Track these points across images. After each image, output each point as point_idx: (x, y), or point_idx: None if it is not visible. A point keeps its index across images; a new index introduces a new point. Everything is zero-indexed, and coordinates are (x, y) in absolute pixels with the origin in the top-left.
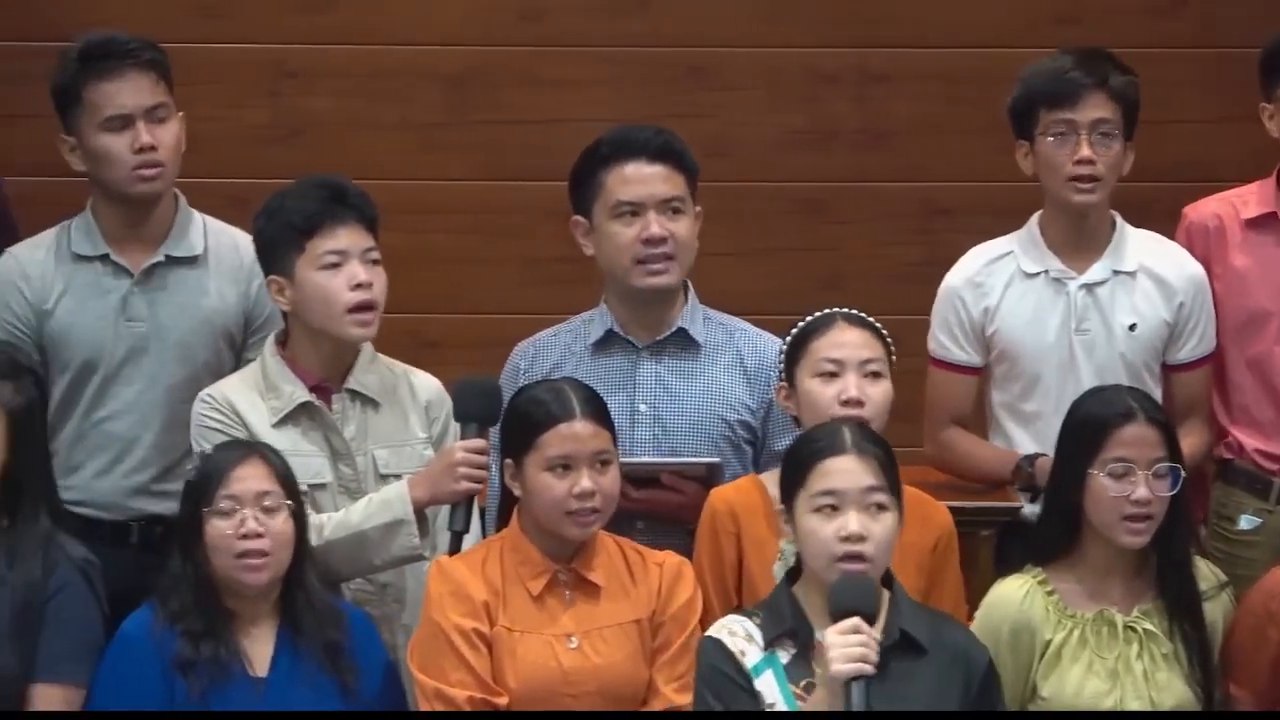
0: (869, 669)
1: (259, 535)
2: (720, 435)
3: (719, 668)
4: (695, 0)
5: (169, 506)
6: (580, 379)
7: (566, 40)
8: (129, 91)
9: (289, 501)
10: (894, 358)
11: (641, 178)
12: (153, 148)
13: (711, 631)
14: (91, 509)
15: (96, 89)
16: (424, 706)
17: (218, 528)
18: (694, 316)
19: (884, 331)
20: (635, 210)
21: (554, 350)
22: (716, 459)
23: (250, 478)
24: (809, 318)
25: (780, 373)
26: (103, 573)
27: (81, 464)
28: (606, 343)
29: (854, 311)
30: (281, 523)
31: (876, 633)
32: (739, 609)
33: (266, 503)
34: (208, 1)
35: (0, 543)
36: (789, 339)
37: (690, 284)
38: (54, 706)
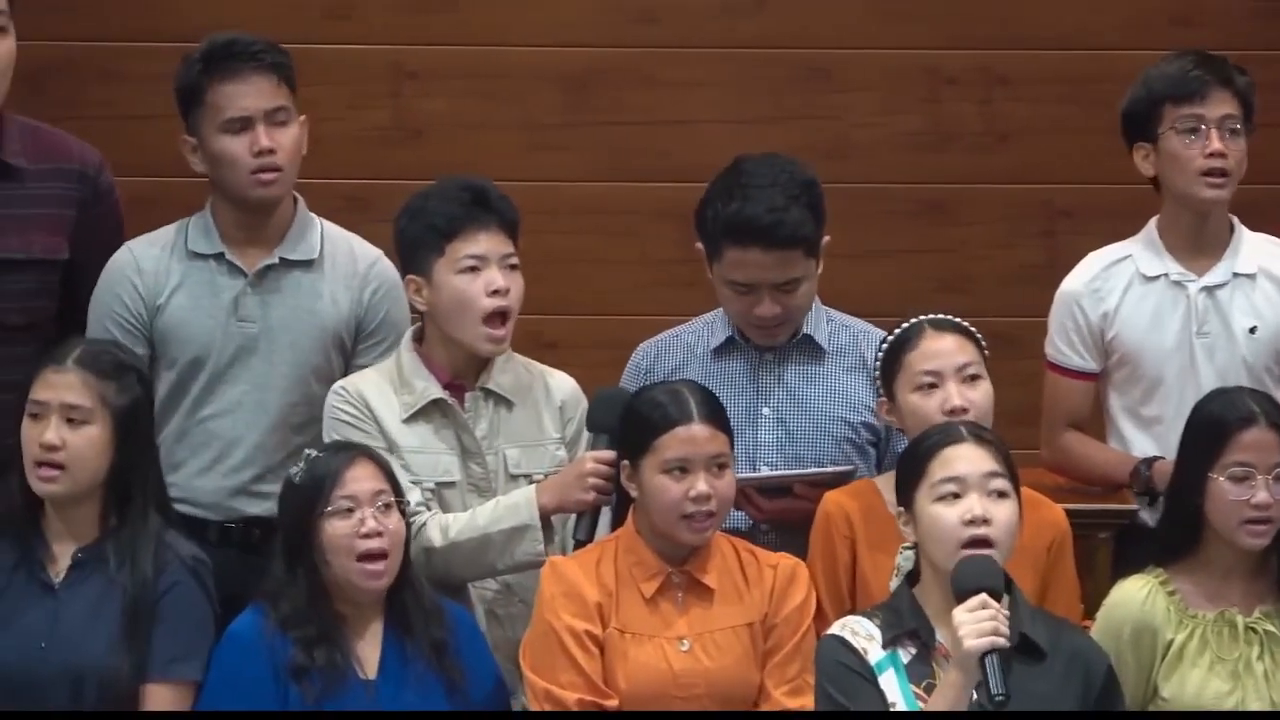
0: (1002, 641)
1: (379, 534)
2: (844, 438)
3: (842, 662)
4: (812, 2)
5: (268, 508)
6: (702, 381)
7: (683, 41)
8: (250, 94)
9: (399, 500)
10: (986, 353)
11: (754, 261)
12: (271, 151)
13: (832, 630)
14: (191, 507)
15: (218, 90)
16: (533, 707)
17: (337, 528)
18: (818, 320)
19: (973, 330)
20: (748, 291)
21: (676, 351)
22: (849, 467)
23: (365, 478)
24: (896, 330)
25: (878, 388)
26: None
27: (183, 461)
28: (728, 346)
29: (940, 316)
30: (396, 522)
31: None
32: (853, 612)
33: (382, 501)
34: (330, 3)
35: (110, 542)
36: (880, 354)
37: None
38: (166, 706)
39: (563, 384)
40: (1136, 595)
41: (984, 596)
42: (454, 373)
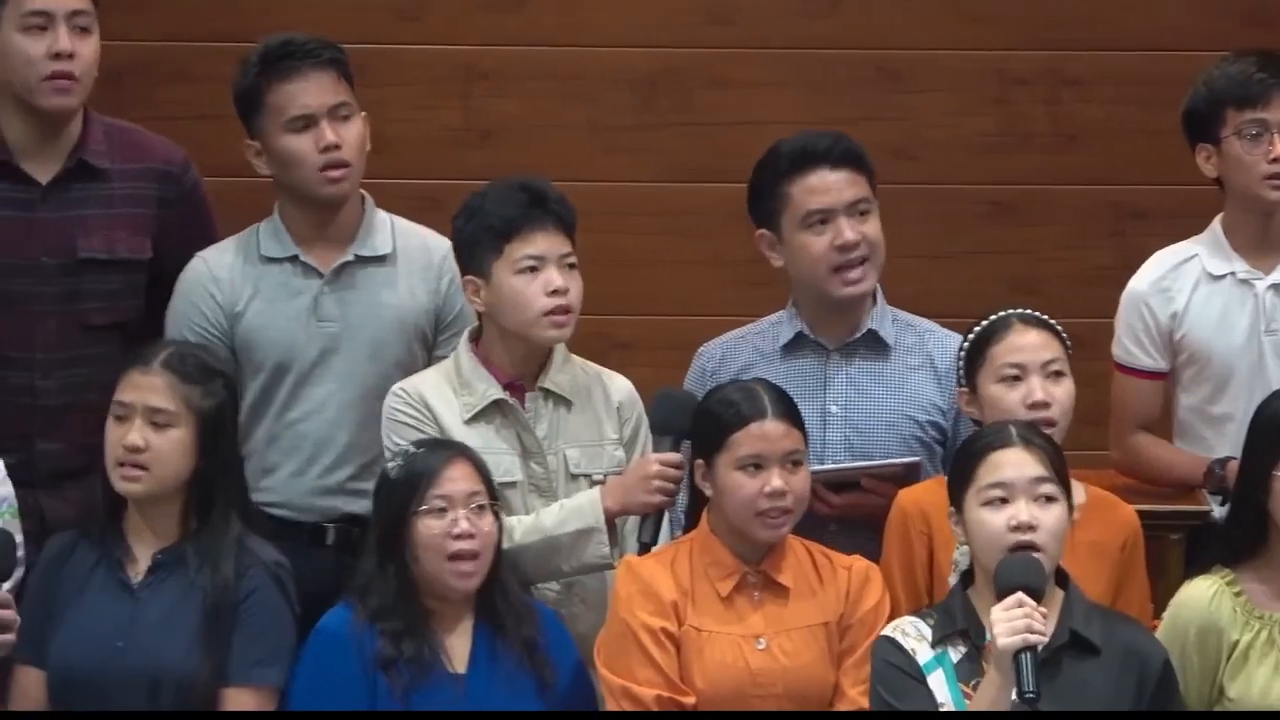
0: (1035, 639)
1: (470, 536)
2: (911, 436)
3: (891, 663)
4: (886, 2)
5: (365, 506)
6: (771, 381)
7: (756, 42)
8: (311, 91)
9: (493, 502)
10: (1071, 354)
11: (827, 185)
12: (337, 146)
13: (885, 631)
14: (288, 510)
15: (279, 91)
16: (611, 705)
17: (430, 527)
18: (884, 318)
19: (1060, 329)
20: (825, 218)
21: (743, 352)
22: (915, 458)
23: (461, 478)
24: (984, 322)
25: (960, 378)
26: (300, 575)
27: (276, 465)
28: (796, 345)
29: (1029, 311)
30: (489, 524)
31: (1050, 624)
32: (931, 607)
33: (476, 503)
34: (402, 4)
35: (191, 546)
36: (966, 344)
37: (880, 286)
38: (243, 710)
39: (620, 385)
40: (1203, 596)
41: (1019, 595)
42: (513, 373)
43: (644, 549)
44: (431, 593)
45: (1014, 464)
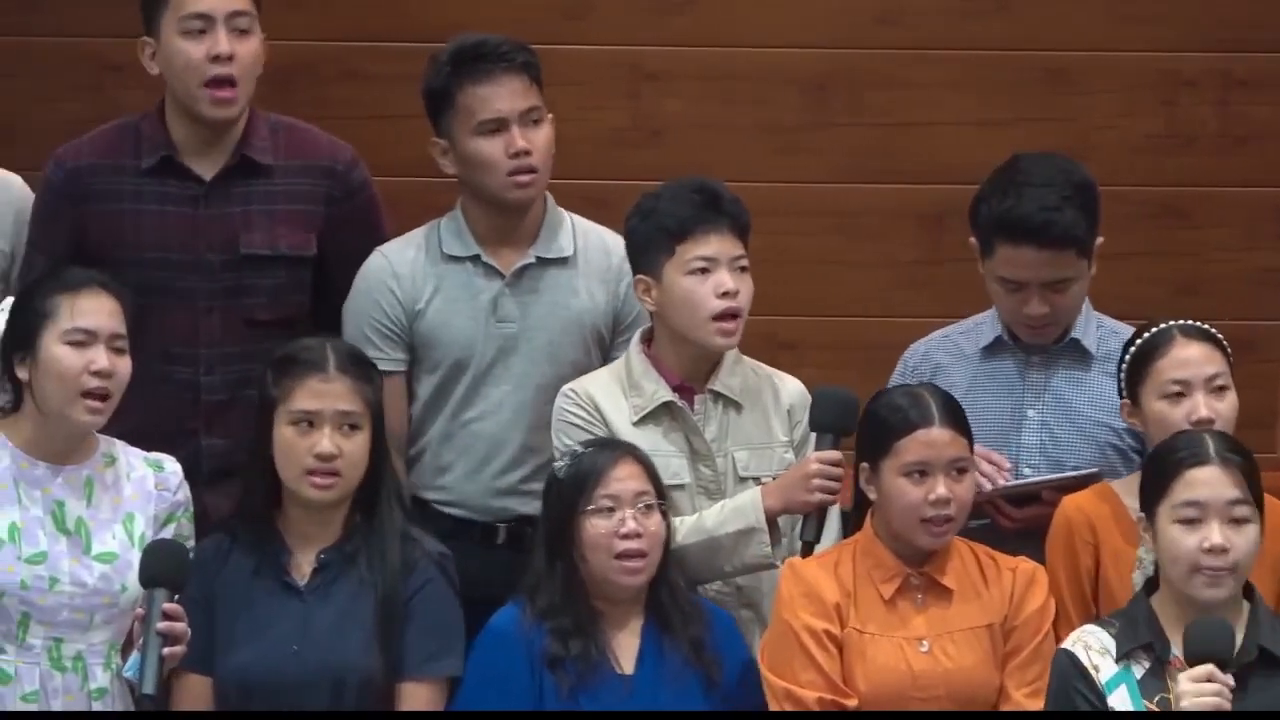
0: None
1: (637, 535)
2: (1108, 443)
3: (1072, 684)
4: (1054, 3)
5: (537, 507)
6: (969, 382)
7: (923, 43)
8: (504, 95)
9: (661, 501)
10: (1232, 362)
11: (1027, 262)
12: (527, 152)
13: (1066, 644)
14: (461, 509)
15: (470, 93)
16: (773, 706)
17: (597, 527)
18: (1088, 325)
19: (1221, 338)
20: (1018, 288)
21: (942, 352)
22: (1095, 469)
23: (628, 478)
24: (1145, 334)
25: (1121, 389)
26: (471, 574)
27: (450, 465)
28: (997, 347)
29: (1191, 323)
30: (656, 523)
31: (1237, 637)
32: (1096, 618)
33: (643, 503)
34: (569, 3)
35: (355, 542)
36: (1127, 357)
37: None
38: (423, 704)
39: (791, 387)
40: None
41: (1211, 668)
42: (684, 375)
43: (807, 548)
44: (599, 593)
45: (1210, 484)
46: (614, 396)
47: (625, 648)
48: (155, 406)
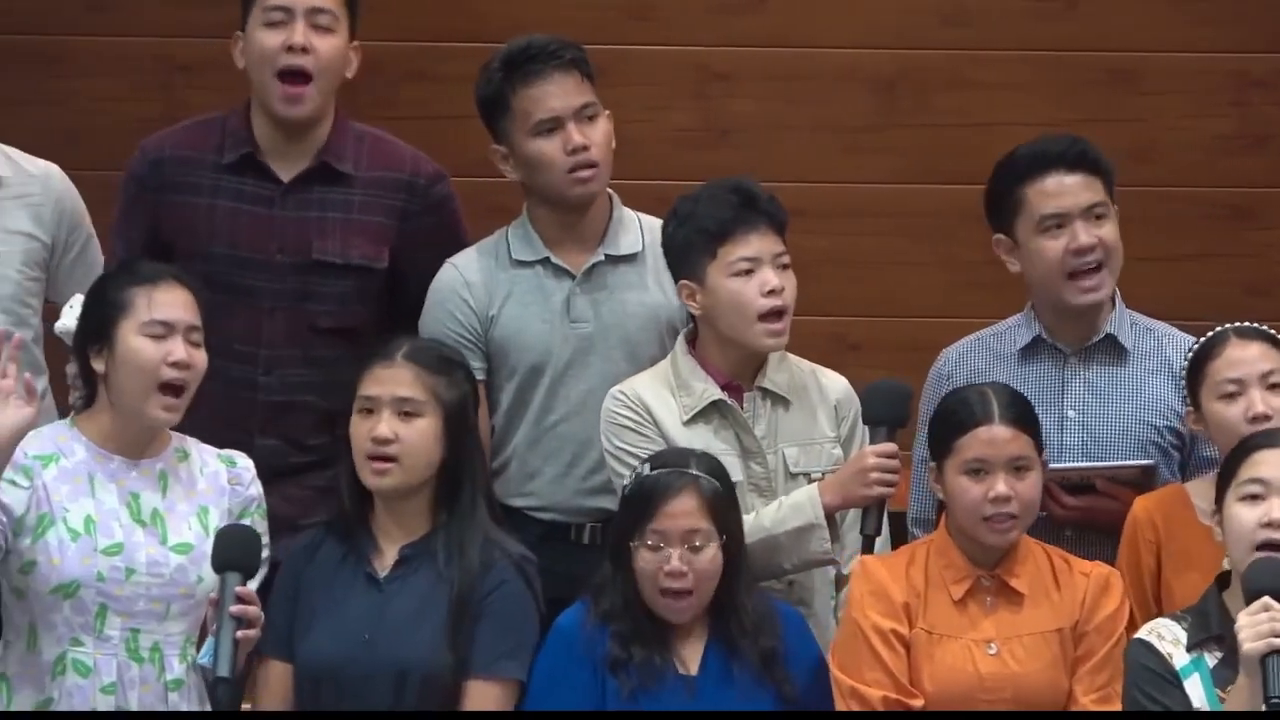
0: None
1: (682, 574)
2: (1149, 442)
3: (1148, 665)
4: (1122, 3)
5: None
6: (1008, 384)
7: (992, 44)
8: (556, 94)
9: (720, 536)
10: None
11: (1063, 189)
12: (585, 147)
13: (1140, 634)
14: (553, 513)
15: (524, 95)
16: (840, 705)
17: (645, 559)
18: (1122, 322)
19: (1278, 337)
20: (1060, 222)
21: (978, 355)
22: (1151, 461)
23: (682, 514)
24: (1201, 339)
25: (1184, 398)
26: (564, 575)
27: (539, 469)
28: (1034, 349)
29: (1247, 325)
30: (707, 560)
31: None
32: (1160, 615)
33: (693, 542)
34: (635, 4)
35: (439, 538)
36: (1187, 365)
37: (1118, 290)
38: (488, 703)
39: (835, 382)
40: None
41: (1266, 599)
42: (730, 374)
43: (868, 542)
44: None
45: (1273, 463)
46: (662, 397)
47: (690, 650)
48: (214, 402)
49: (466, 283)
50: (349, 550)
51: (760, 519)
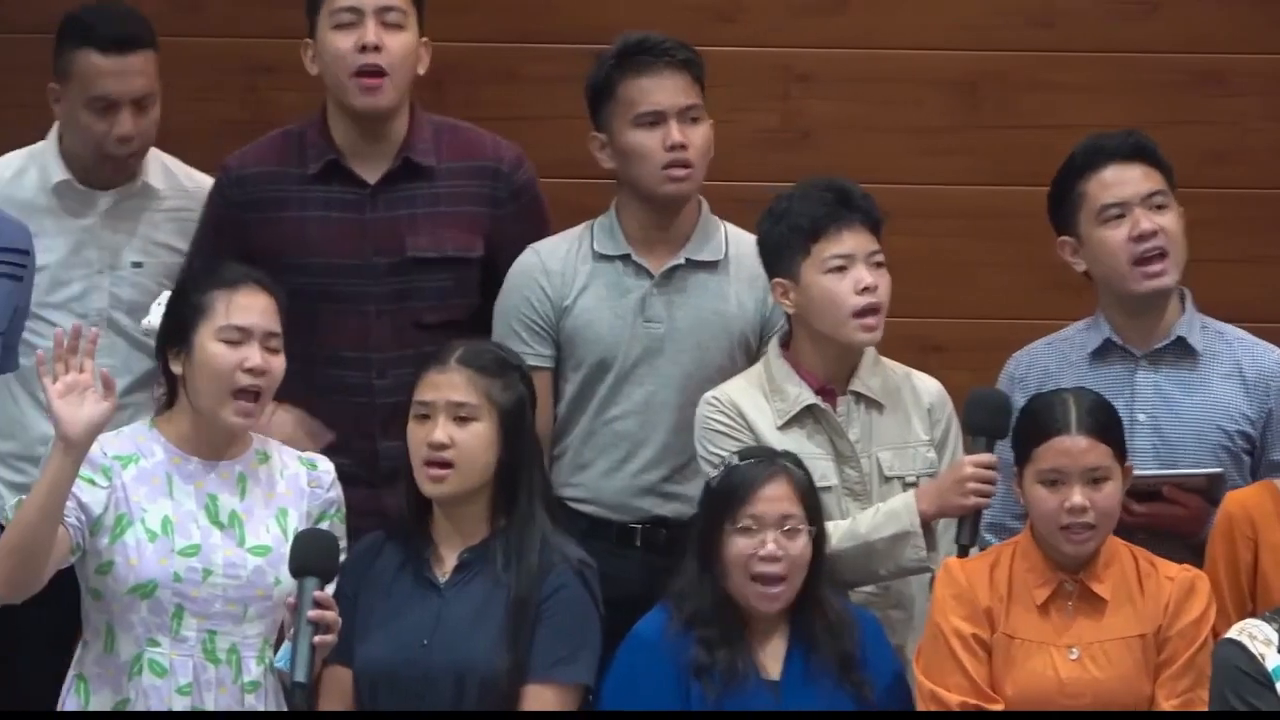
0: None
1: (776, 559)
2: (1219, 445)
3: (1238, 666)
4: (1205, 5)
5: (675, 509)
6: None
7: (1075, 45)
8: (664, 89)
9: (810, 526)
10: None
11: (1121, 179)
12: (683, 146)
13: (1230, 634)
14: (597, 508)
15: (632, 85)
16: (920, 708)
17: (738, 545)
18: (1192, 325)
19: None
20: (1121, 211)
21: (1048, 359)
22: (1219, 469)
23: (777, 499)
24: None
25: (1254, 401)
26: (605, 575)
27: (590, 462)
28: (1104, 352)
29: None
30: (800, 548)
31: None
32: (1254, 614)
33: (789, 526)
34: (720, 5)
35: (497, 542)
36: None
37: (1189, 292)
38: (546, 708)
39: (929, 386)
40: None
41: None
42: (824, 376)
43: (962, 551)
44: (745, 605)
45: None
46: (756, 401)
47: (771, 654)
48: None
49: (545, 270)
50: (409, 556)
51: (856, 525)
